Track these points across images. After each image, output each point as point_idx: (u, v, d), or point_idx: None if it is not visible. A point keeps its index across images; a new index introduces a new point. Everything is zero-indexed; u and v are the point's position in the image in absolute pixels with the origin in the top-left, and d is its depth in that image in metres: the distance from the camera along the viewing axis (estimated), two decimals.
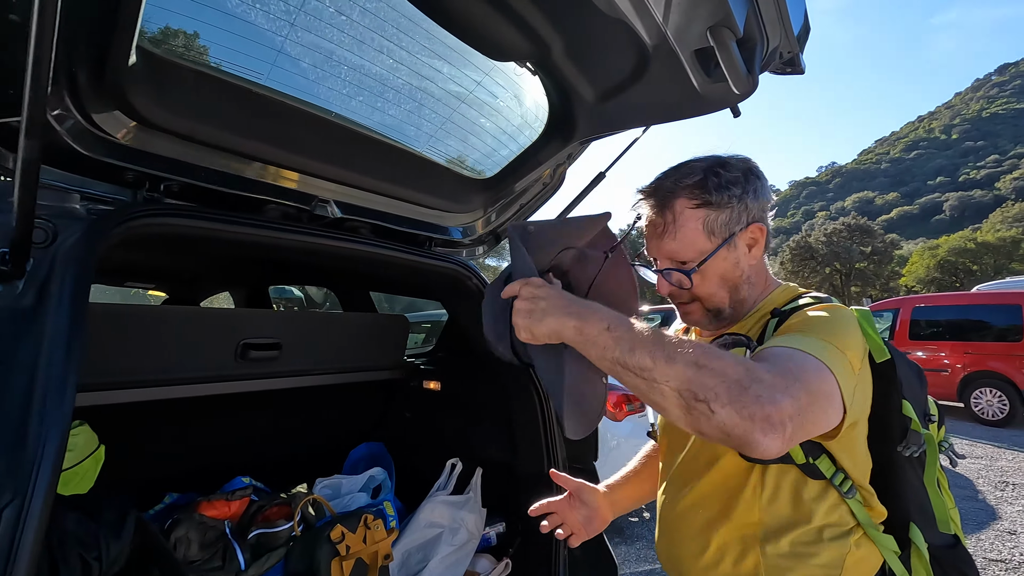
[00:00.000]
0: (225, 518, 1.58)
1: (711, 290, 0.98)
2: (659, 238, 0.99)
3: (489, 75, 1.60)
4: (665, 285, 1.01)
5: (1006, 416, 7.83)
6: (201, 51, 1.21)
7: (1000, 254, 50.91)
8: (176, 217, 1.17)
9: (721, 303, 0.99)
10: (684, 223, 0.97)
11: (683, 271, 0.97)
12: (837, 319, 0.86)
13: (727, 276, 0.99)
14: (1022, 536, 3.97)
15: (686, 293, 1.00)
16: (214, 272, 2.70)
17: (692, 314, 1.03)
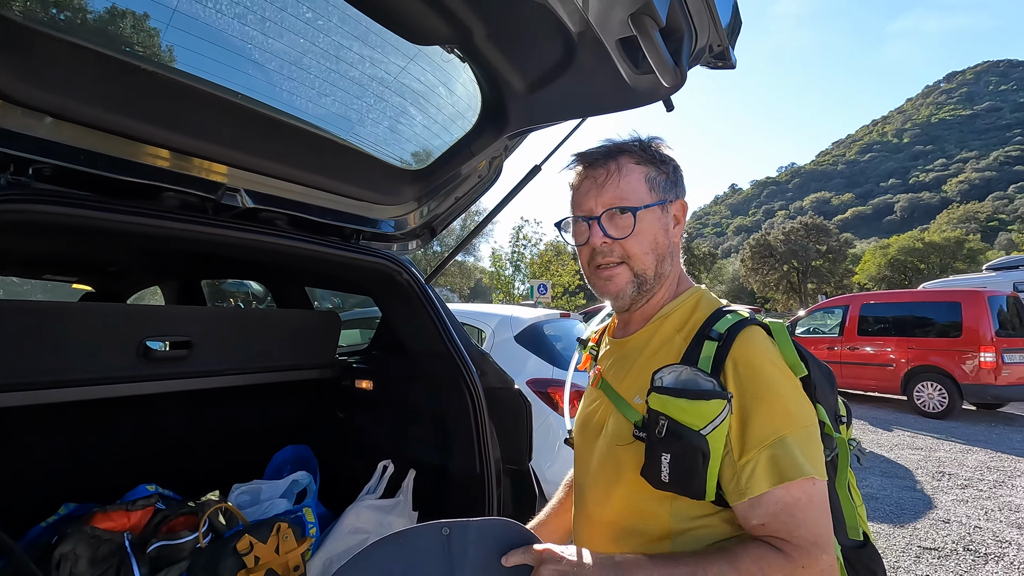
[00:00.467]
0: (124, 530, 1.47)
1: (643, 249, 0.95)
2: (601, 187, 0.95)
3: (414, 60, 1.52)
4: (599, 235, 0.94)
5: (945, 409, 8.18)
6: (76, 21, 1.10)
7: (945, 253, 53.48)
8: (45, 204, 1.06)
9: (647, 268, 0.96)
10: (628, 172, 0.96)
11: (629, 208, 0.93)
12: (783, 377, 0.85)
13: (658, 240, 0.97)
14: (955, 524, 4.13)
15: (617, 251, 0.95)
16: (133, 265, 2.53)
17: (616, 279, 0.96)
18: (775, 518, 0.78)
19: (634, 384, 0.95)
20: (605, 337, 1.14)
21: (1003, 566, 3.47)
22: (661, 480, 0.81)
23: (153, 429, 1.99)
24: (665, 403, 0.81)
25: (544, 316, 4.61)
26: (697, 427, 0.79)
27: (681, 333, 0.94)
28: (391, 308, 2.03)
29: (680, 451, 0.80)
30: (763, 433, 0.80)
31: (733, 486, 0.81)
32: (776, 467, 0.78)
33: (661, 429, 0.81)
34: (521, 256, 26.54)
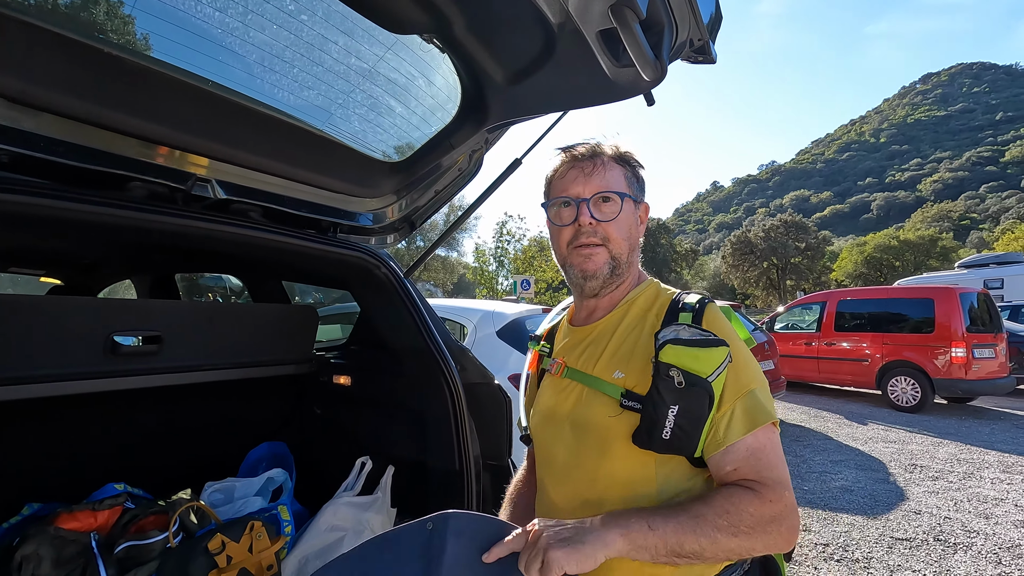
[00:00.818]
0: (91, 530, 1.42)
1: (622, 234, 1.05)
2: (589, 176, 1.04)
3: (392, 50, 1.49)
4: (587, 216, 1.03)
5: (918, 403, 8.38)
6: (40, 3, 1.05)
7: (920, 251, 54.72)
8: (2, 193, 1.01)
9: (622, 253, 1.06)
10: (611, 168, 1.07)
11: (618, 193, 1.04)
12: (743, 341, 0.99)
13: (631, 231, 1.08)
14: (926, 515, 4.24)
15: (599, 233, 1.04)
16: (102, 258, 2.46)
17: (597, 256, 1.05)
18: (745, 462, 0.89)
19: (611, 362, 1.02)
20: (560, 331, 1.21)
21: (971, 555, 3.56)
22: (661, 439, 0.88)
23: (122, 427, 1.93)
24: (679, 354, 0.88)
25: (526, 312, 4.60)
26: (705, 374, 0.88)
27: (651, 312, 1.05)
28: (369, 303, 2.00)
29: (691, 399, 0.87)
30: (736, 387, 0.92)
31: (711, 438, 0.90)
32: (749, 415, 0.90)
33: (680, 381, 0.87)
34: (504, 251, 26.50)
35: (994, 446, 6.29)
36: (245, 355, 1.91)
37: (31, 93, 1.05)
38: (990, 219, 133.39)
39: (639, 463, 0.93)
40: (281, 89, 1.45)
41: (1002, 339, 8.42)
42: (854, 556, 3.56)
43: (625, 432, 0.93)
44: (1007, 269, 15.45)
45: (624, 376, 0.98)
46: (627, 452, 0.93)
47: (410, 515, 1.93)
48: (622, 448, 0.94)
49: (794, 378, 9.94)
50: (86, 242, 1.96)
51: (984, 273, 15.66)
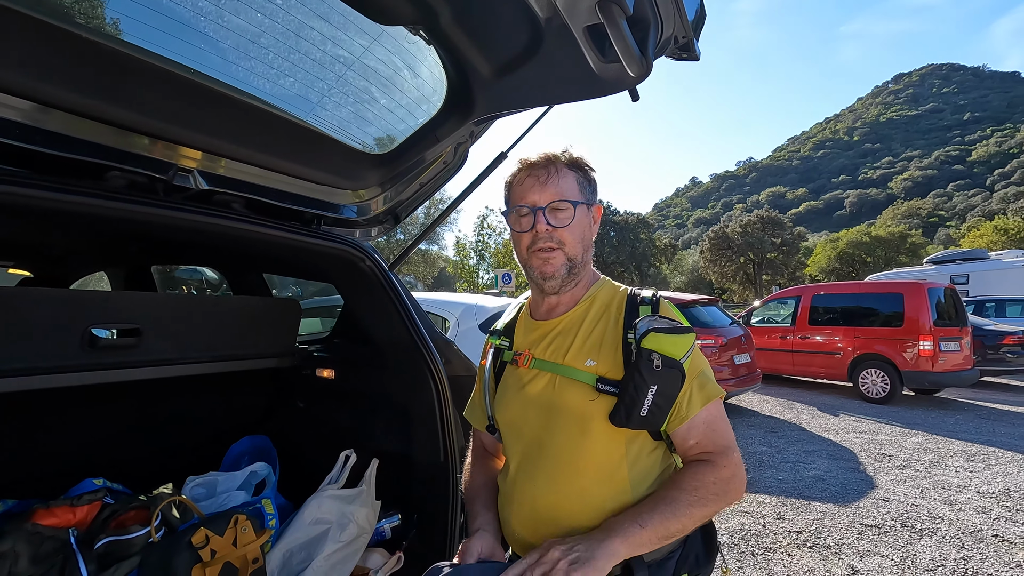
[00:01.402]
0: (69, 526, 1.40)
1: (575, 238, 1.14)
2: (544, 184, 1.12)
3: (378, 41, 1.48)
4: (543, 223, 1.11)
5: (887, 394, 8.64)
6: None
7: (890, 247, 56.18)
8: None
9: (577, 255, 1.15)
10: (565, 175, 1.15)
11: (570, 200, 1.12)
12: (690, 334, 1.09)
13: (585, 234, 1.17)
14: (894, 503, 4.38)
15: (555, 238, 1.12)
16: (76, 249, 2.39)
17: (554, 259, 1.13)
18: (703, 435, 1.07)
19: (581, 350, 1.13)
20: (521, 325, 1.29)
21: (936, 540, 3.70)
22: (639, 416, 1.01)
23: (100, 421, 1.89)
24: (660, 341, 1.01)
25: (508, 305, 4.61)
26: (679, 356, 1.02)
27: (612, 306, 1.17)
28: (353, 296, 1.98)
29: (668, 380, 1.01)
30: (692, 369, 1.07)
31: (676, 413, 1.05)
32: (703, 391, 1.07)
33: (659, 364, 1.00)
34: (485, 245, 26.46)
35: (958, 436, 6.53)
36: (226, 348, 1.88)
37: (5, 79, 1.02)
38: (957, 216, 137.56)
39: (613, 441, 1.07)
40: (266, 79, 1.43)
41: (967, 333, 8.71)
42: (826, 543, 3.67)
43: (602, 413, 1.05)
44: (972, 265, 15.98)
45: (596, 364, 1.09)
46: (603, 430, 1.06)
47: (395, 507, 1.94)
48: (599, 427, 1.06)
49: (769, 371, 10.15)
50: (61, 233, 1.90)
51: (951, 269, 16.17)
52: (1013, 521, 4.00)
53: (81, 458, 1.86)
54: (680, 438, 1.08)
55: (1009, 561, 3.40)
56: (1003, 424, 7.14)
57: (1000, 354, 10.06)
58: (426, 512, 1.86)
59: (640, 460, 1.09)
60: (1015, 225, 48.13)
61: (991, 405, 8.55)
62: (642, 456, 1.09)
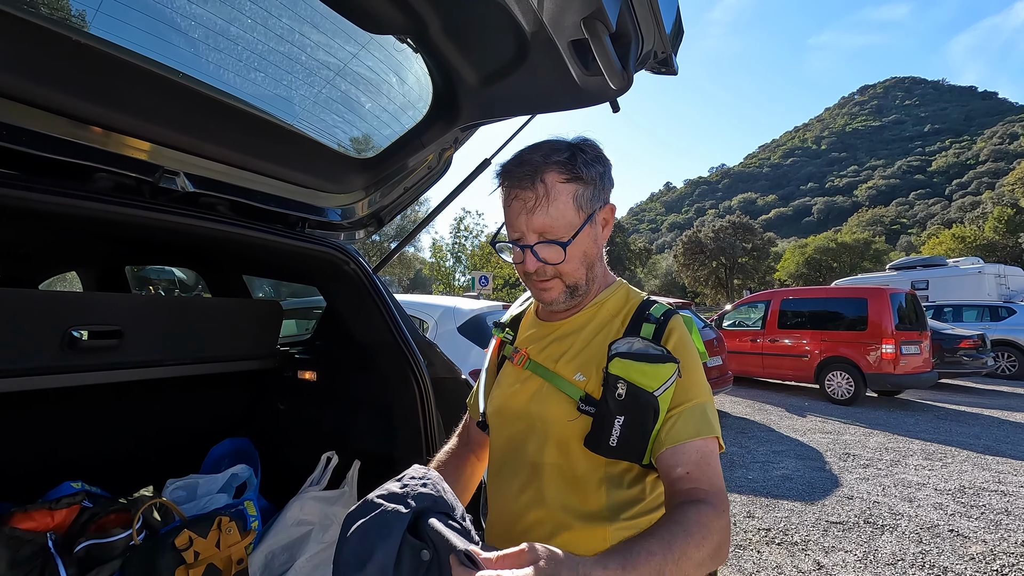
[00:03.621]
0: (47, 530, 1.38)
1: (574, 265, 1.01)
2: (530, 212, 0.96)
3: (366, 48, 1.50)
4: (533, 262, 0.99)
5: (851, 396, 8.93)
6: None
7: (855, 253, 58.03)
8: None
9: (580, 279, 1.03)
10: (556, 196, 0.96)
11: (559, 242, 0.97)
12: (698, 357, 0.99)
13: (588, 252, 1.02)
14: (857, 500, 4.55)
15: (550, 269, 1.00)
16: (52, 249, 2.34)
17: (551, 291, 1.03)
18: (697, 467, 0.88)
19: (573, 362, 1.02)
20: (526, 320, 1.20)
21: (896, 535, 3.86)
22: (609, 446, 0.90)
23: (79, 424, 1.86)
24: (627, 367, 0.90)
25: (487, 307, 4.65)
26: (651, 388, 0.89)
27: (618, 317, 1.05)
28: (337, 298, 2.00)
29: (636, 412, 0.89)
30: (687, 396, 0.94)
31: (657, 439, 0.92)
32: (696, 423, 0.91)
33: (621, 393, 0.89)
34: (462, 247, 26.41)
35: (918, 435, 6.79)
36: (208, 350, 1.88)
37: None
38: (918, 224, 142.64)
39: (592, 463, 0.96)
40: (253, 83, 1.44)
41: (926, 336, 9.05)
42: (793, 539, 3.80)
43: (579, 435, 0.96)
44: (932, 271, 16.62)
45: (585, 380, 0.99)
46: (580, 452, 0.96)
47: None
48: (576, 448, 0.96)
49: (740, 373, 10.38)
50: (39, 233, 1.87)
51: (912, 275, 16.79)
52: (968, 516, 4.19)
53: (59, 461, 1.82)
54: (665, 466, 0.90)
55: (964, 555, 3.56)
56: (960, 424, 7.46)
57: (957, 357, 10.49)
58: None
59: (622, 487, 0.97)
60: (972, 233, 50.24)
61: (949, 406, 8.90)
62: (624, 483, 0.98)
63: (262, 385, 2.32)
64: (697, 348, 1.02)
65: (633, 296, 1.09)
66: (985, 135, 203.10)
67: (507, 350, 1.17)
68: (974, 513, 4.26)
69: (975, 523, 4.07)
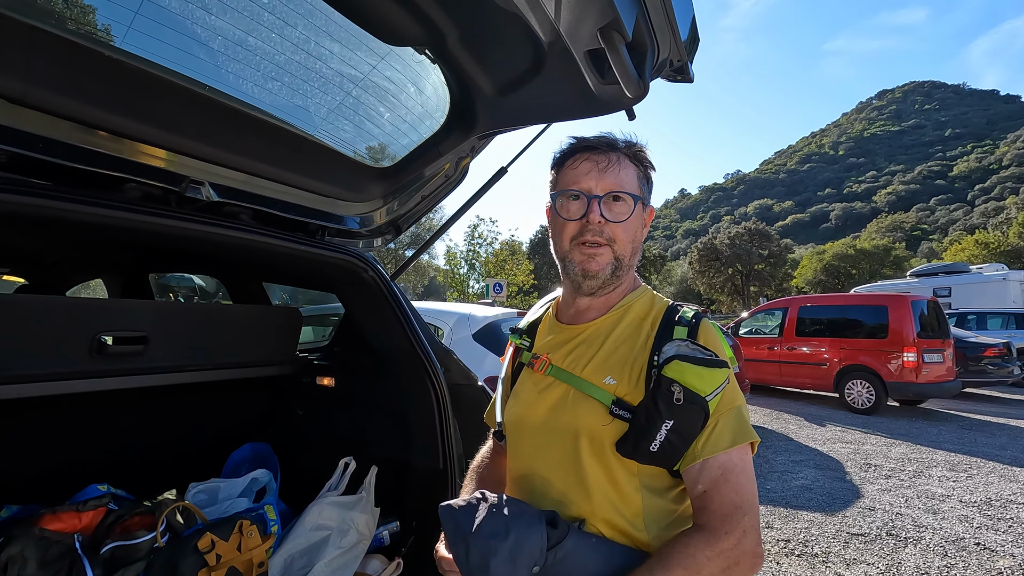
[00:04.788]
0: (75, 531, 1.41)
1: (628, 236, 1.03)
2: (602, 171, 1.01)
3: (385, 60, 1.53)
4: (598, 213, 1.00)
5: (872, 405, 8.77)
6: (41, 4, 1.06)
7: (874, 260, 57.14)
8: (6, 193, 1.02)
9: (625, 255, 1.04)
10: (626, 167, 1.04)
11: (632, 194, 1.02)
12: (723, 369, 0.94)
13: (636, 235, 1.06)
14: (879, 512, 4.46)
15: (606, 233, 1.01)
16: (79, 257, 2.41)
17: (600, 257, 1.02)
18: (714, 485, 0.89)
19: (602, 366, 1.00)
20: (544, 326, 1.18)
21: (920, 549, 3.77)
22: (648, 451, 0.89)
23: (104, 428, 1.90)
24: (683, 371, 0.88)
25: (502, 315, 4.66)
26: (705, 393, 0.88)
27: (647, 321, 1.04)
28: (355, 305, 2.02)
29: (688, 416, 0.88)
30: (723, 405, 0.92)
31: (691, 451, 0.91)
32: (731, 431, 0.91)
33: (680, 397, 0.87)
34: (476, 255, 26.51)
35: (942, 446, 6.64)
36: (229, 356, 1.91)
37: (32, 94, 1.06)
38: (939, 230, 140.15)
39: (626, 470, 0.94)
40: (276, 94, 1.48)
41: (949, 344, 8.88)
42: (813, 551, 3.73)
43: (613, 439, 0.93)
44: (954, 278, 16.30)
45: (616, 384, 0.97)
46: (617, 458, 0.94)
47: (394, 513, 1.97)
48: (611, 454, 0.94)
49: (757, 381, 10.26)
50: (69, 242, 1.93)
51: (933, 282, 16.48)
52: (994, 530, 4.08)
53: (85, 464, 1.87)
54: (689, 479, 0.91)
55: (991, 569, 3.47)
56: (984, 435, 7.28)
57: (981, 366, 10.26)
58: (425, 519, 1.89)
59: (659, 496, 0.96)
60: (995, 239, 49.19)
61: (973, 416, 8.71)
62: (661, 491, 0.96)
63: (281, 391, 2.35)
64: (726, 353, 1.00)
65: (659, 301, 1.09)
66: (1008, 139, 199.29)
67: (524, 357, 1.16)
68: (1001, 526, 4.15)
69: (1002, 536, 3.96)
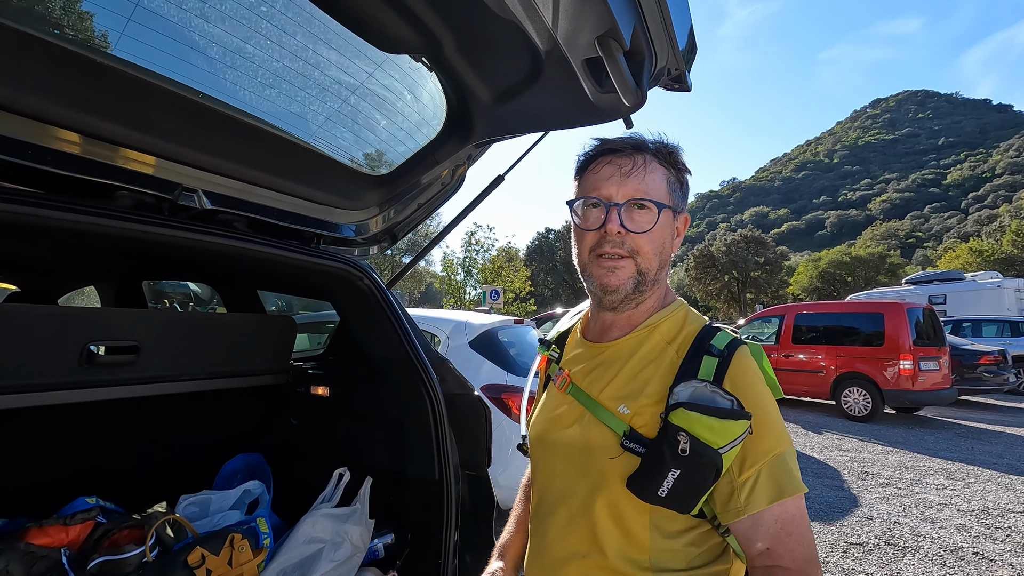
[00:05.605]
0: (62, 545, 1.38)
1: (653, 248, 0.94)
2: (625, 176, 0.93)
3: (381, 67, 1.52)
4: (617, 223, 0.91)
5: (869, 413, 8.77)
6: (28, 9, 1.05)
7: (870, 267, 57.43)
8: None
9: (650, 269, 0.94)
10: (654, 171, 0.94)
11: (656, 202, 0.92)
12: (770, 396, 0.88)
13: (664, 247, 0.96)
14: (877, 520, 4.44)
15: (627, 244, 0.92)
16: (71, 265, 2.38)
17: (621, 271, 0.93)
18: (776, 540, 0.81)
19: (618, 392, 0.93)
20: (572, 339, 1.12)
21: (919, 558, 3.75)
22: (656, 495, 0.82)
23: (93, 439, 1.87)
24: (691, 420, 0.79)
25: (498, 322, 4.64)
26: (717, 445, 0.79)
27: (673, 345, 0.94)
28: (351, 313, 2.00)
29: (696, 469, 0.79)
30: (762, 450, 0.83)
31: (732, 503, 0.82)
32: (776, 483, 0.81)
33: (684, 448, 0.79)
34: (473, 261, 26.51)
35: (939, 454, 6.64)
36: (222, 365, 1.89)
37: (22, 101, 1.05)
38: (933, 238, 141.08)
39: (637, 507, 0.87)
40: (271, 101, 1.47)
41: (945, 352, 8.90)
42: None
43: (621, 474, 0.86)
44: (949, 286, 16.39)
45: (630, 413, 0.89)
46: (623, 492, 0.86)
47: (389, 525, 1.94)
48: (619, 488, 0.87)
49: None
50: (62, 249, 1.90)
51: (929, 289, 16.56)
52: (992, 539, 4.07)
53: (74, 476, 1.83)
54: (742, 537, 0.83)
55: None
56: (981, 443, 7.29)
57: (977, 373, 10.30)
58: (420, 531, 1.87)
59: (671, 534, 0.87)
60: (989, 247, 49.51)
61: (970, 423, 8.71)
62: (673, 530, 0.87)
63: (275, 400, 2.32)
64: (770, 383, 0.90)
65: (692, 321, 0.98)
66: (1001, 148, 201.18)
67: (552, 369, 1.10)
68: (999, 535, 4.14)
69: (1001, 546, 3.95)
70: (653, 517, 0.86)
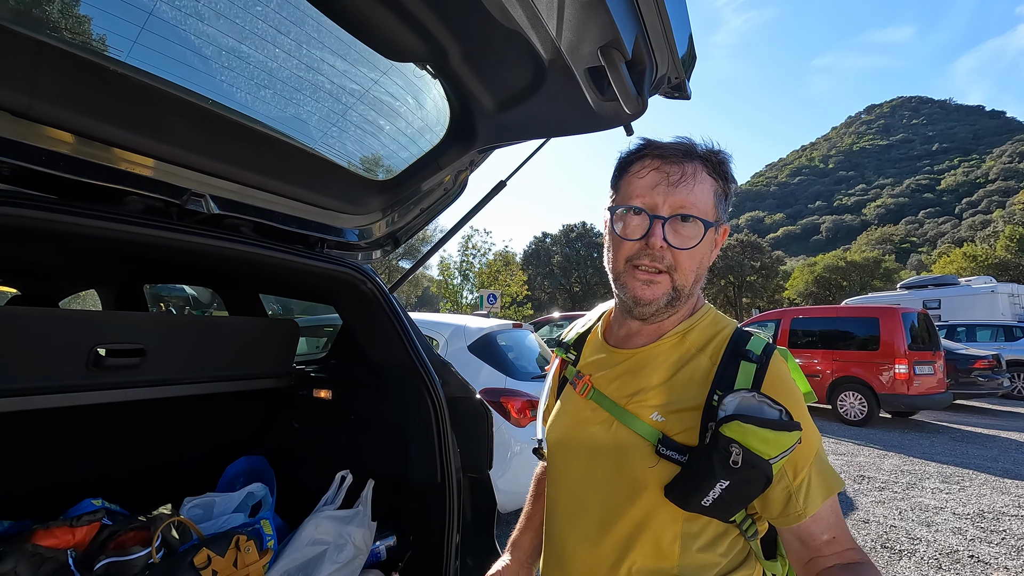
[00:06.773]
0: (68, 547, 1.39)
1: (692, 265, 0.90)
2: (673, 186, 0.88)
3: (387, 75, 1.55)
4: (660, 236, 0.87)
5: (864, 417, 8.81)
6: (43, 18, 1.07)
7: (865, 272, 57.77)
8: (8, 206, 1.01)
9: (686, 284, 0.91)
10: (702, 181, 0.89)
11: (703, 220, 0.88)
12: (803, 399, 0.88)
13: (703, 261, 0.92)
14: (873, 524, 4.47)
15: (667, 259, 0.88)
16: (75, 268, 2.39)
17: (657, 286, 0.90)
18: (838, 527, 0.83)
19: (651, 400, 0.90)
20: (591, 342, 1.09)
21: (915, 561, 3.78)
22: (700, 504, 0.81)
23: (99, 441, 1.88)
24: (745, 433, 0.77)
25: (497, 326, 4.66)
26: (769, 456, 0.78)
27: (706, 352, 0.92)
28: (353, 317, 2.02)
29: (746, 480, 0.78)
30: (808, 452, 0.84)
31: (791, 508, 0.82)
32: (824, 481, 0.84)
33: (737, 460, 0.77)
34: (470, 265, 26.50)
35: (934, 458, 6.68)
36: (226, 368, 1.90)
37: (36, 108, 1.07)
38: (928, 243, 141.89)
39: (667, 515, 0.85)
40: (277, 108, 1.49)
41: (940, 356, 8.96)
42: None
43: (658, 482, 0.85)
44: (944, 291, 16.49)
45: (664, 421, 0.87)
46: (657, 501, 0.85)
47: (391, 527, 1.95)
48: (652, 497, 0.85)
49: None
50: (67, 253, 1.92)
51: (923, 294, 16.66)
52: (988, 542, 4.10)
53: (79, 478, 1.84)
54: (804, 533, 0.83)
55: None
56: (976, 446, 7.33)
57: (972, 378, 10.36)
58: (422, 533, 1.88)
59: (700, 544, 0.86)
60: (983, 252, 49.85)
61: (964, 427, 8.76)
62: (704, 538, 0.86)
63: (277, 403, 2.34)
64: (802, 385, 0.90)
65: (722, 324, 0.96)
66: (994, 153, 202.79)
67: (569, 372, 1.07)
68: (994, 539, 4.17)
69: (996, 549, 3.98)
70: (685, 526, 0.86)
